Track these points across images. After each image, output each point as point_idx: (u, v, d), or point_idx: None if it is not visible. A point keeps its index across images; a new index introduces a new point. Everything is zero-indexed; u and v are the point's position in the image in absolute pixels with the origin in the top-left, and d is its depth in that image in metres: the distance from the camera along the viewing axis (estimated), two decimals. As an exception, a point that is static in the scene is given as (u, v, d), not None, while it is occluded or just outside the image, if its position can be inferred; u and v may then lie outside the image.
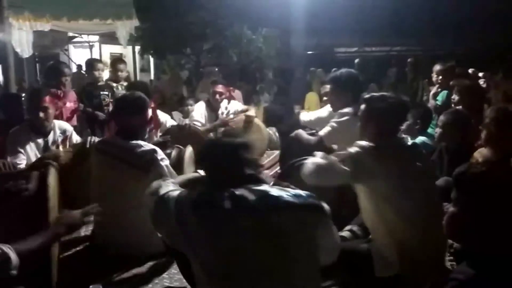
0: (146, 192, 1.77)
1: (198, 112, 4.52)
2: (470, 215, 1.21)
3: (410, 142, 2.28)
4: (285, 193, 1.49)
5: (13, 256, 1.55)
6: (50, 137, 3.29)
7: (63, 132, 3.37)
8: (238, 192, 1.47)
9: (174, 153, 3.14)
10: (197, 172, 2.22)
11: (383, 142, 2.09)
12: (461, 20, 10.46)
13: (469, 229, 1.21)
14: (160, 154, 2.50)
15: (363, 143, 2.10)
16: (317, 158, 2.18)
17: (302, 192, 1.52)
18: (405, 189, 1.98)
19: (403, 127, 2.49)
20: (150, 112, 3.73)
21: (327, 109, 3.44)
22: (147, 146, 2.53)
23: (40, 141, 3.24)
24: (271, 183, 2.32)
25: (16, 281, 1.63)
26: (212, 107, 4.56)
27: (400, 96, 2.34)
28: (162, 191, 1.68)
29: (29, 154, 3.15)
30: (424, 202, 2.02)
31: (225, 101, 4.64)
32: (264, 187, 1.51)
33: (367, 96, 2.30)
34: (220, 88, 4.57)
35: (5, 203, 2.17)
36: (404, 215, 2.00)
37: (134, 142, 2.53)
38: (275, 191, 1.49)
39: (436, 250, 2.10)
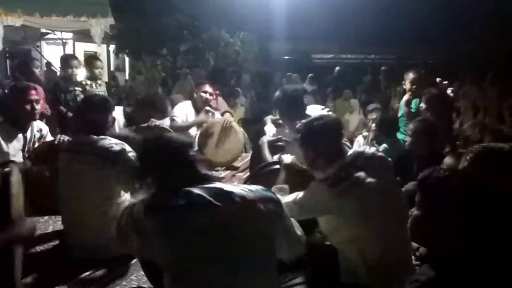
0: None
1: (180, 109, 4.46)
2: (433, 218, 1.24)
3: (368, 152, 2.16)
4: (239, 188, 1.51)
5: None
6: (28, 134, 3.22)
7: (39, 130, 3.32)
8: (191, 190, 1.46)
9: None
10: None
11: (334, 169, 2.01)
12: (433, 31, 10.76)
13: (431, 232, 1.24)
14: (127, 148, 2.48)
15: (317, 186, 2.02)
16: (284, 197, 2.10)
17: (258, 187, 1.54)
18: (366, 213, 1.95)
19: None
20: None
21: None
22: (113, 140, 2.51)
23: (20, 136, 3.17)
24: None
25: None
26: (198, 109, 4.50)
27: (327, 115, 2.36)
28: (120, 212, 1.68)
29: (10, 150, 3.08)
30: (388, 214, 2.00)
31: (213, 102, 4.61)
32: (216, 184, 1.52)
33: (297, 125, 2.22)
34: (207, 87, 4.49)
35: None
36: (371, 234, 1.98)
37: (101, 137, 2.51)
38: (228, 186, 1.51)
39: (402, 256, 2.13)
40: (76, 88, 4.62)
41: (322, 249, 2.21)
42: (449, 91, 4.80)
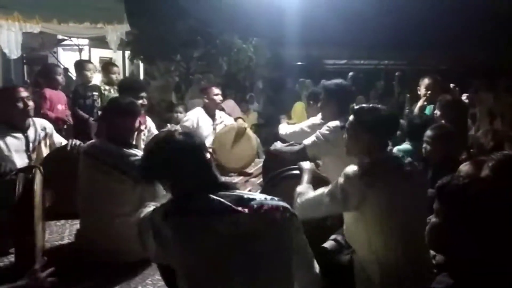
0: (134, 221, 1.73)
1: (191, 119, 4.53)
2: (451, 226, 1.23)
3: (399, 154, 2.23)
4: (259, 196, 1.50)
5: None
6: (31, 133, 3.19)
7: (44, 129, 3.30)
8: (211, 196, 1.45)
9: None
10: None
11: (373, 159, 2.03)
12: (446, 37, 10.68)
13: (449, 240, 1.23)
14: None
15: (351, 171, 2.01)
16: (303, 191, 2.16)
17: (275, 198, 1.53)
18: (393, 210, 1.95)
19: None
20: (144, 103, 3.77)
21: (311, 121, 3.47)
22: (140, 154, 2.49)
23: (20, 136, 3.13)
24: (259, 191, 2.33)
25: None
26: (209, 113, 4.58)
27: (389, 108, 2.35)
28: (142, 215, 1.67)
29: (7, 151, 3.04)
30: (411, 219, 1.99)
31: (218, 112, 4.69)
32: (236, 191, 1.51)
33: (356, 107, 2.25)
34: (217, 90, 4.62)
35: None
36: (390, 233, 1.98)
37: (128, 150, 2.50)
38: (248, 194, 1.50)
39: (421, 265, 2.10)
40: (94, 93, 4.69)
41: (336, 259, 2.21)
42: (464, 97, 4.75)
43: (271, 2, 8.87)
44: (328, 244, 2.37)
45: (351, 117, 2.20)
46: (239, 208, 1.43)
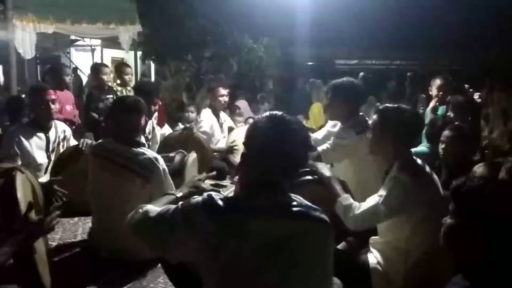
0: (130, 222, 1.58)
1: (207, 123, 4.56)
2: (466, 227, 1.22)
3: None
4: (302, 202, 1.41)
5: None
6: (52, 134, 3.31)
7: (63, 131, 3.41)
8: (270, 197, 1.37)
9: (178, 157, 3.14)
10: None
11: (405, 160, 2.06)
12: (459, 37, 10.57)
13: (464, 241, 1.22)
14: (161, 163, 2.50)
15: (399, 175, 2.01)
16: (351, 202, 2.13)
17: (310, 204, 1.42)
18: (433, 210, 1.95)
19: None
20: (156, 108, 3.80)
21: (327, 128, 3.36)
22: (149, 153, 2.52)
23: (42, 135, 3.25)
24: None
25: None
26: (215, 113, 4.62)
27: (413, 109, 2.32)
28: (152, 213, 1.51)
29: (31, 149, 3.17)
30: (436, 216, 2.03)
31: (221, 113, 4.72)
32: (292, 196, 1.42)
33: (381, 107, 2.25)
34: (223, 90, 4.65)
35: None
36: (426, 231, 1.99)
37: (136, 149, 2.52)
38: (294, 199, 1.41)
39: (442, 265, 2.11)
40: (108, 96, 4.71)
41: (350, 259, 2.20)
42: (476, 96, 4.69)
43: (282, 2, 8.86)
44: (340, 245, 2.36)
45: (375, 117, 2.19)
46: (283, 213, 1.36)
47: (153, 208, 1.55)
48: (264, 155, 1.40)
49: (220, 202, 1.37)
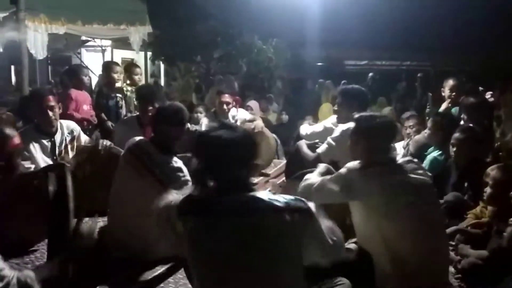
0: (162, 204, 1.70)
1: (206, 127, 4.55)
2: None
3: (404, 160, 2.29)
4: (270, 197, 1.52)
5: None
6: (57, 138, 3.26)
7: (71, 132, 3.35)
8: (234, 197, 1.50)
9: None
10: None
11: (372, 161, 2.16)
12: (470, 38, 10.47)
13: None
14: (184, 174, 2.48)
15: (351, 164, 2.20)
16: (311, 177, 2.32)
17: (289, 197, 1.54)
18: (395, 207, 2.04)
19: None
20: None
21: (328, 122, 3.47)
22: (175, 163, 2.50)
23: (46, 142, 3.20)
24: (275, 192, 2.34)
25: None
26: (219, 118, 4.58)
27: (387, 116, 2.53)
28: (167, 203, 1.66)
29: (35, 156, 3.12)
30: (420, 220, 2.06)
31: (233, 110, 4.67)
32: (254, 193, 1.53)
33: (357, 115, 2.38)
34: (226, 97, 4.58)
35: (27, 203, 2.24)
36: (398, 231, 2.05)
37: (166, 157, 2.51)
38: (261, 194, 1.53)
39: (438, 265, 2.11)
40: (118, 95, 4.74)
41: (357, 255, 2.20)
42: (488, 96, 4.61)
43: (291, 3, 8.85)
44: (351, 245, 2.35)
45: (351, 124, 2.37)
46: (250, 209, 1.48)
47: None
48: (216, 159, 1.55)
49: (192, 205, 1.51)
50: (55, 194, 2.24)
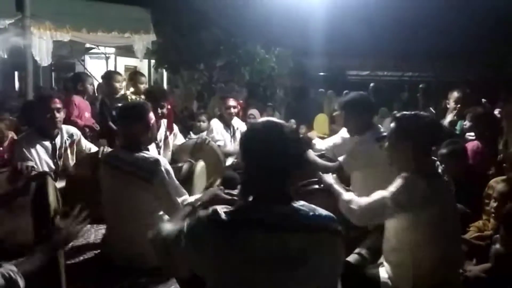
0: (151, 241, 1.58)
1: (218, 132, 4.56)
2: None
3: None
4: (310, 210, 1.38)
5: (20, 281, 1.60)
6: (58, 141, 3.28)
7: (71, 136, 3.37)
8: (271, 207, 1.35)
9: (185, 166, 3.18)
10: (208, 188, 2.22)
11: (421, 165, 2.01)
12: (474, 49, 10.50)
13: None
14: (163, 164, 2.50)
15: (409, 175, 1.99)
16: (355, 197, 2.13)
17: (326, 213, 1.41)
18: (445, 216, 1.97)
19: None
20: (165, 111, 3.80)
21: (341, 135, 3.41)
22: (149, 157, 2.52)
23: (48, 144, 3.22)
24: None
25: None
26: (226, 122, 4.61)
27: (432, 115, 2.30)
28: (165, 234, 1.52)
29: (37, 157, 3.13)
30: (452, 227, 2.04)
31: (235, 119, 4.69)
32: (294, 204, 1.39)
33: (398, 114, 2.21)
34: (232, 101, 4.62)
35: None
36: (436, 241, 1.98)
37: (137, 154, 2.52)
38: (302, 207, 1.38)
39: (454, 272, 2.10)
40: (120, 104, 4.73)
41: (361, 273, 2.19)
42: (496, 112, 4.59)
43: (295, 13, 8.91)
44: (352, 258, 2.34)
45: (392, 125, 2.15)
46: (286, 224, 1.34)
47: (168, 229, 1.54)
48: (263, 160, 1.38)
49: (225, 217, 1.36)
50: (34, 201, 2.29)
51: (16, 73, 10.81)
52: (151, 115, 2.66)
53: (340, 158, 2.87)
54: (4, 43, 5.36)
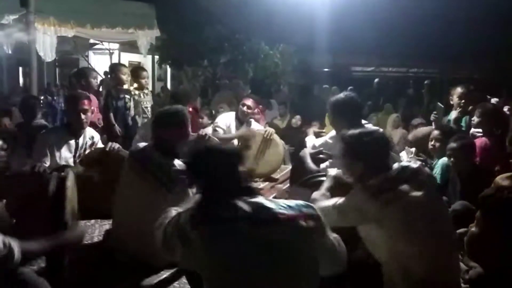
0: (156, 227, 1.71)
1: (223, 120, 4.52)
2: (492, 236, 1.20)
3: (414, 166, 2.09)
4: (279, 204, 1.51)
5: (16, 252, 1.66)
6: (81, 140, 3.36)
7: (91, 137, 3.44)
8: (237, 203, 1.48)
9: None
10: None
11: (375, 182, 1.98)
12: (480, 46, 10.44)
13: (489, 250, 1.20)
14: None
15: (364, 191, 1.99)
16: (319, 198, 2.17)
17: (298, 203, 1.53)
18: (409, 227, 1.92)
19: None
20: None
21: (331, 135, 3.39)
22: (178, 165, 2.48)
23: (72, 142, 3.32)
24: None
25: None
26: (240, 120, 4.55)
27: (376, 129, 2.34)
28: (165, 222, 1.66)
29: (58, 154, 3.22)
30: (433, 231, 1.95)
31: (252, 122, 4.60)
32: (258, 198, 1.53)
33: (344, 135, 2.19)
34: (249, 101, 4.49)
35: (29, 202, 2.29)
36: (411, 248, 1.93)
37: (168, 160, 2.50)
38: (269, 202, 1.51)
39: (449, 277, 2.05)
40: (126, 96, 4.77)
41: (365, 266, 2.17)
42: (505, 109, 4.56)
43: (299, 9, 8.87)
44: (356, 253, 2.33)
45: (341, 145, 2.17)
46: (260, 216, 1.46)
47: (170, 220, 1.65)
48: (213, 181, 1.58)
49: (204, 215, 1.49)
50: (53, 194, 2.33)
51: (20, 69, 10.84)
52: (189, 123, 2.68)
53: (323, 164, 2.88)
54: (9, 38, 5.37)
